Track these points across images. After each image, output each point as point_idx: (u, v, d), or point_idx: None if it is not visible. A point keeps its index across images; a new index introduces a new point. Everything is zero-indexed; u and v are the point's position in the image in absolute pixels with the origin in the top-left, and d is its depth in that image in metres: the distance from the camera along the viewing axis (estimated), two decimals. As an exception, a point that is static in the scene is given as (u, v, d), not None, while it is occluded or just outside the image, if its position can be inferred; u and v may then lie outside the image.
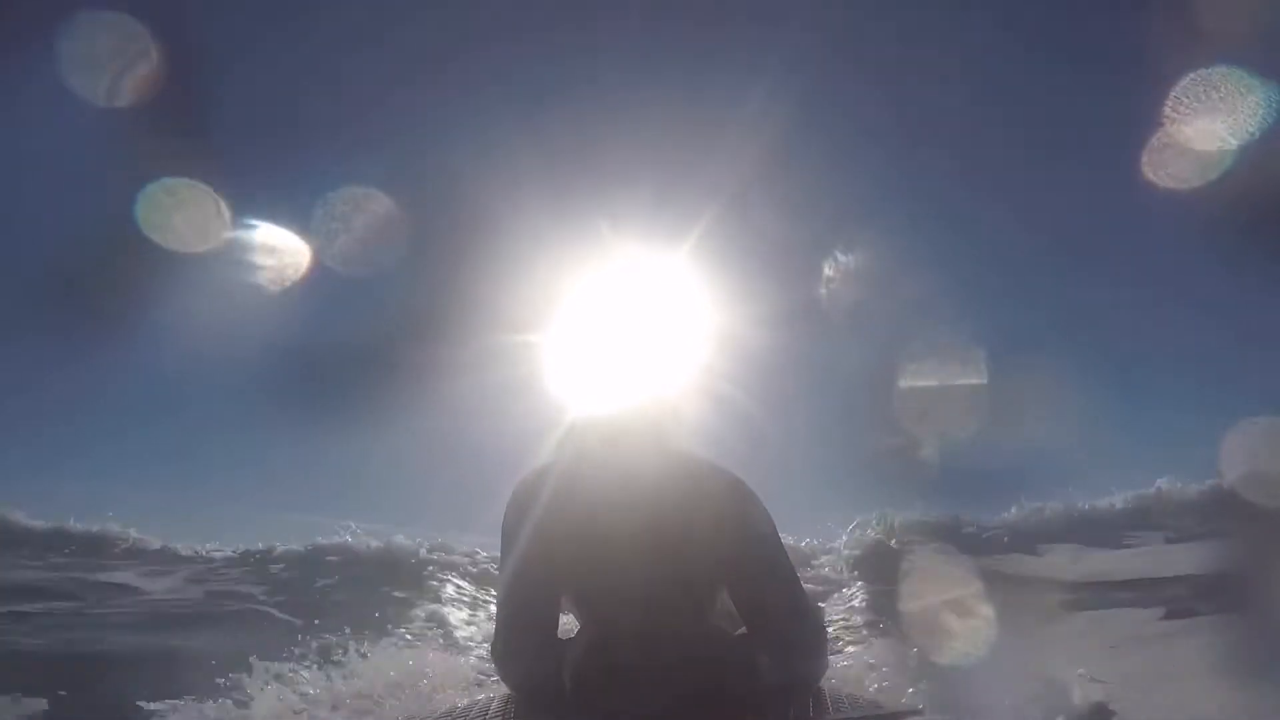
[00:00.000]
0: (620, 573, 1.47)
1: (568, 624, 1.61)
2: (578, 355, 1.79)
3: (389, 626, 4.84)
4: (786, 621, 1.49)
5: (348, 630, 4.21)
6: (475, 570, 6.56)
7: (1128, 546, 7.52)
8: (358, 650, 3.90)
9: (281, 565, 7.07)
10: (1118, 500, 8.45)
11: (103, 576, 6.64)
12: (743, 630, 1.54)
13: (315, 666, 3.67)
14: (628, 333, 1.80)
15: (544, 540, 1.50)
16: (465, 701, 1.54)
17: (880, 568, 6.08)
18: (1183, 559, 6.23)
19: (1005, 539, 7.60)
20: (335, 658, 3.83)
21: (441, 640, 4.77)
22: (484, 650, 3.70)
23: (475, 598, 6.02)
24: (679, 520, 1.48)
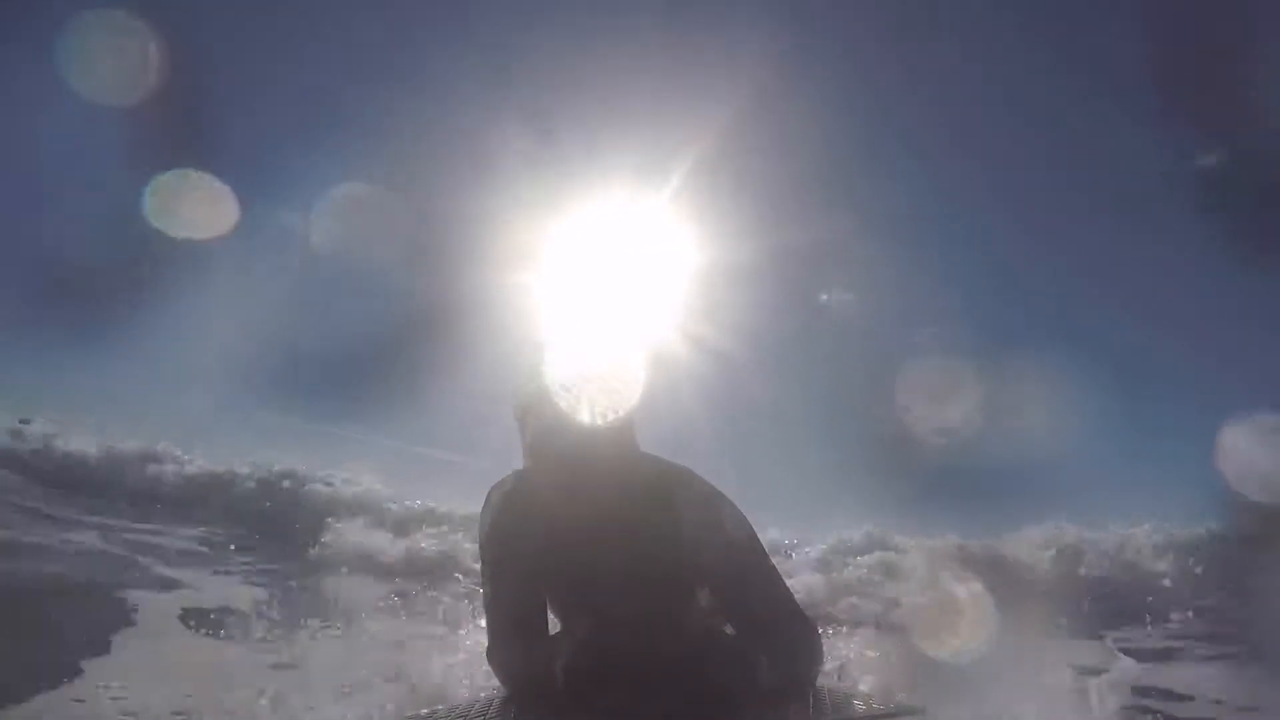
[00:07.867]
0: (601, 575, 1.50)
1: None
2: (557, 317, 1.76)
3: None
4: (781, 625, 1.50)
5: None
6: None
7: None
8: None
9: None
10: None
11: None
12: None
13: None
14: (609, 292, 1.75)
15: (524, 544, 1.53)
16: (465, 701, 1.55)
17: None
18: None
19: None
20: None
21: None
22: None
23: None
24: (652, 523, 1.50)
